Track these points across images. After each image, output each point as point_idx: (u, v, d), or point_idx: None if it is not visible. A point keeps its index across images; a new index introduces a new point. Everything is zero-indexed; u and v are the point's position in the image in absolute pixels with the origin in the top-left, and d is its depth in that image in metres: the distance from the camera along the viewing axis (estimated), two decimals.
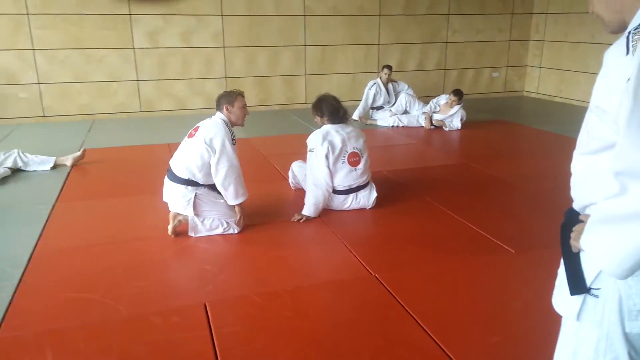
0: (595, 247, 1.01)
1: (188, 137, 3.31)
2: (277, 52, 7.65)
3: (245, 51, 7.49)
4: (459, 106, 6.33)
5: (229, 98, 3.32)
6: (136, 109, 7.25)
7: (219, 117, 3.32)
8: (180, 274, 2.81)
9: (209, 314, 2.38)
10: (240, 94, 3.36)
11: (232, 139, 3.26)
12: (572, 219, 1.15)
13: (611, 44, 1.09)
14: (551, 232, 3.32)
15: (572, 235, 1.11)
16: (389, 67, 6.78)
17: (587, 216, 1.10)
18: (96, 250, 3.07)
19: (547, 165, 4.88)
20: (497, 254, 3.01)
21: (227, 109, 3.31)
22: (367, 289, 2.63)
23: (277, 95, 7.82)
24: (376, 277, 2.72)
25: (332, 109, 3.65)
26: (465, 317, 2.39)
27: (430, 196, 3.97)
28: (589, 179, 1.12)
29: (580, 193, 1.16)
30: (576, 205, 1.18)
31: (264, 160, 5.01)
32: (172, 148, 5.51)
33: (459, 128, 6.36)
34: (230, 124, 3.33)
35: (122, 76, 7.09)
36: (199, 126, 3.30)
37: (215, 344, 2.17)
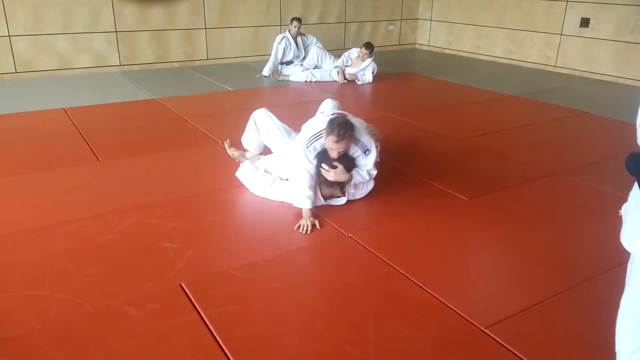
0: None
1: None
2: (174, 3, 6.99)
3: (137, 1, 6.73)
4: (370, 59, 6.37)
5: (325, 129, 2.84)
6: (10, 69, 6.22)
7: (315, 143, 2.94)
8: (137, 255, 2.49)
9: (190, 296, 2.17)
10: (335, 136, 2.77)
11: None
12: None
13: None
14: (491, 178, 3.54)
15: None
16: (299, 20, 6.55)
17: None
18: (24, 239, 2.62)
19: (458, 112, 5.15)
20: (453, 204, 3.12)
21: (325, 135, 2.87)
22: (347, 249, 2.58)
23: (177, 51, 7.21)
24: (351, 236, 2.68)
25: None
26: (442, 263, 2.47)
27: None
28: None
29: None
30: None
31: (184, 122, 4.62)
32: (65, 113, 4.89)
33: (371, 81, 6.42)
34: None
35: None
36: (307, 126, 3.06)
37: (211, 327, 1.99)
